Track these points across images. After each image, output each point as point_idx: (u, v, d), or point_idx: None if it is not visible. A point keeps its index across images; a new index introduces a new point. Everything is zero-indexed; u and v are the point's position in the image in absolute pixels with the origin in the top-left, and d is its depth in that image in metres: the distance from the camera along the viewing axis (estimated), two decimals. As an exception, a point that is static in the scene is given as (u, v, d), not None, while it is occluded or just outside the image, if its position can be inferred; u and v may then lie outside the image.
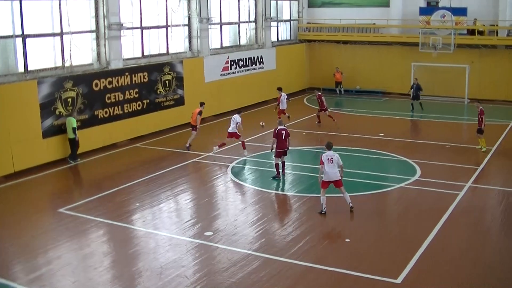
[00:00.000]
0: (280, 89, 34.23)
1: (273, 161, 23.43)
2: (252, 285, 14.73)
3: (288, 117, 33.37)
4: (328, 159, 19.34)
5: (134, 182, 23.41)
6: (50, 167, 25.68)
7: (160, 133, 31.67)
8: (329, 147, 19.78)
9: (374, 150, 27.22)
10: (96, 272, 15.83)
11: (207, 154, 27.23)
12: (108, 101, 29.13)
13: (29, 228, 18.99)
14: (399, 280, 14.85)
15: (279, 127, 23.13)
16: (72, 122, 26.25)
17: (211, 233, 18.12)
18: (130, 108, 30.37)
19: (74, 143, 26.53)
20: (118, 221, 19.38)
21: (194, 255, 16.69)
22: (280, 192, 21.98)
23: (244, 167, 25.48)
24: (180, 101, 33.52)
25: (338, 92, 44.88)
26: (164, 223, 19.39)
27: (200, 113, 28.13)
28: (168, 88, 32.73)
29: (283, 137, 23.00)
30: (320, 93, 33.49)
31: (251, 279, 15.03)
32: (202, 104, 28.72)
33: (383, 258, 16.30)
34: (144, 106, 31.26)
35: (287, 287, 14.72)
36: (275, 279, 15.09)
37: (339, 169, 19.53)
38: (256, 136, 30.26)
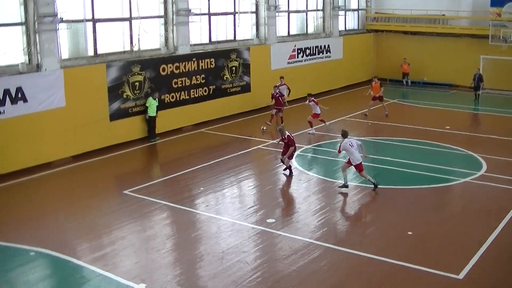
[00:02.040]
0: (310, 96, 30.17)
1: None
2: (312, 274, 14.71)
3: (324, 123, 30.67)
4: (350, 144, 20.25)
5: (198, 166, 23.61)
6: (116, 149, 26.10)
7: (225, 119, 31.86)
8: (345, 135, 20.84)
9: (439, 143, 26.79)
10: (158, 254, 16.04)
11: (271, 141, 27.28)
12: (175, 86, 29.44)
13: (95, 208, 19.37)
14: (460, 276, 14.57)
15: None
16: (154, 101, 27.46)
17: (274, 220, 18.17)
18: (196, 94, 30.62)
19: (153, 122, 27.52)
20: (181, 204, 19.60)
21: (256, 241, 16.76)
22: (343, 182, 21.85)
23: (308, 155, 25.42)
24: (246, 88, 33.65)
25: (404, 84, 44.32)
26: (227, 209, 19.51)
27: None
28: (234, 75, 32.87)
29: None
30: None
31: (311, 268, 15.01)
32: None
33: (445, 253, 16.02)
34: (210, 92, 31.48)
35: (347, 277, 14.66)
36: (335, 268, 15.05)
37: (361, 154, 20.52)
38: (320, 125, 30.12)
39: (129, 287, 14.15)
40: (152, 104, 27.37)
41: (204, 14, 31.71)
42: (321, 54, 40.55)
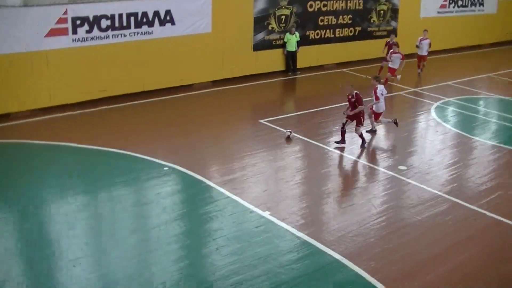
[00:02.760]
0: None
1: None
2: (436, 226, 14.54)
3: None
4: (382, 93, 20.47)
5: (336, 105, 23.58)
6: (255, 79, 26.49)
7: (367, 61, 31.50)
8: (379, 80, 21.16)
9: None
10: (286, 185, 16.33)
11: (413, 89, 26.85)
12: (321, 24, 29.37)
13: (230, 134, 19.87)
14: None
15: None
16: (292, 36, 27.37)
17: (405, 168, 18.01)
18: (341, 33, 30.45)
19: (292, 57, 27.71)
20: (315, 140, 19.76)
21: (385, 186, 16.71)
22: (481, 140, 21.26)
23: (449, 108, 24.87)
24: (392, 33, 32.98)
25: None
26: (359, 150, 19.52)
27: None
28: (382, 19, 32.34)
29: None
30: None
31: (436, 221, 14.83)
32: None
33: None
34: (356, 33, 31.21)
35: (471, 236, 14.33)
36: (460, 225, 14.78)
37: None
38: (465, 79, 29.30)
39: (254, 213, 14.53)
40: (289, 39, 27.39)
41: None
42: (473, 6, 38.91)
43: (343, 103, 23.12)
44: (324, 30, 29.66)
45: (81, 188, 15.51)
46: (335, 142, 19.54)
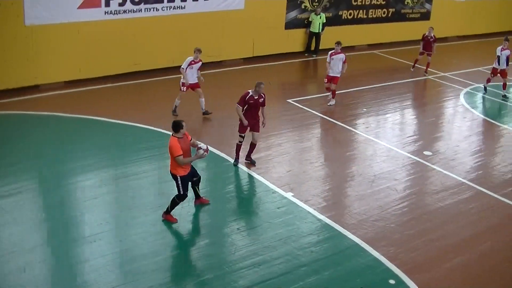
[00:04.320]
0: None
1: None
2: (459, 214, 14.53)
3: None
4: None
5: (365, 87, 23.60)
6: (287, 58, 26.49)
7: (400, 44, 31.31)
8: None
9: None
10: (311, 167, 16.40)
11: (442, 73, 26.68)
12: (354, 4, 29.21)
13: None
14: None
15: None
16: (317, 17, 26.81)
17: (430, 153, 17.98)
18: (374, 14, 30.24)
19: (316, 38, 27.26)
20: (342, 122, 19.77)
21: (409, 171, 16.70)
22: (509, 127, 21.04)
23: (478, 94, 24.68)
24: (426, 16, 32.70)
25: None
26: (386, 133, 19.49)
27: None
28: (416, 1, 32.01)
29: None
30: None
31: (459, 208, 14.82)
32: None
33: None
34: (389, 15, 30.96)
35: (494, 225, 14.28)
36: (483, 214, 14.73)
37: None
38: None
39: (276, 193, 14.64)
40: (314, 19, 27.21)
41: None
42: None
43: (372, 86, 23.15)
44: (358, 11, 29.48)
45: (106, 162, 15.71)
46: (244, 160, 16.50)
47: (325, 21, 27.59)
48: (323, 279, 11.48)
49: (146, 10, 22.53)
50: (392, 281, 11.63)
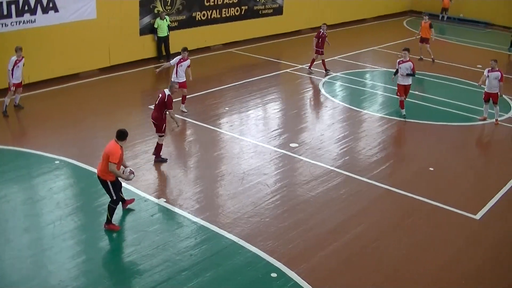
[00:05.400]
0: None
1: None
2: (330, 201, 14.81)
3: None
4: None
5: (225, 86, 23.62)
6: (144, 64, 26.12)
7: (255, 40, 31.60)
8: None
9: (469, 82, 26.34)
10: (180, 171, 16.29)
11: (300, 66, 27.11)
12: (207, 4, 29.17)
13: (121, 121, 19.35)
14: (477, 216, 14.52)
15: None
16: (162, 21, 26.66)
17: (296, 145, 18.21)
18: (227, 13, 30.33)
19: (164, 42, 27.06)
20: (205, 123, 19.68)
21: (277, 164, 16.84)
22: (369, 112, 21.69)
23: (336, 83, 25.25)
24: (278, 11, 33.20)
25: (440, 18, 43.20)
26: (250, 130, 19.56)
27: None
28: (267, -4, 32.45)
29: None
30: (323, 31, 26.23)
31: (330, 195, 15.11)
32: None
33: (464, 192, 15.98)
34: (242, 12, 31.15)
35: (364, 207, 14.72)
36: (353, 198, 15.13)
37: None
38: (350, 53, 29.90)
39: (148, 201, 14.38)
40: (160, 24, 26.76)
41: None
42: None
43: (231, 84, 23.25)
44: (211, 11, 29.45)
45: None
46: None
47: (169, 23, 27.20)
48: (205, 281, 11.36)
49: (-8, 26, 21.53)
50: (274, 274, 11.67)
